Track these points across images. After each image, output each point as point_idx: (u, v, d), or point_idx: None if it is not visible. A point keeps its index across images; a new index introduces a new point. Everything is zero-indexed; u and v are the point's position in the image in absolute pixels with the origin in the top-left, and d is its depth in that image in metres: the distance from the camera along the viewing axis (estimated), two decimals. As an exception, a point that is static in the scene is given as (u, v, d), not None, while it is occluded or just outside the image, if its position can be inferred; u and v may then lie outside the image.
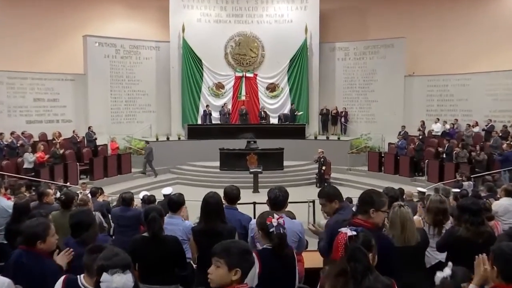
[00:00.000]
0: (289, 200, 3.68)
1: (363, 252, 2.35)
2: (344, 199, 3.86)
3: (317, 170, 15.22)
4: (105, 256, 2.26)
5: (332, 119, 19.24)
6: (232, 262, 2.22)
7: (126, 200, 5.97)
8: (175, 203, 4.34)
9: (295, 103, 19.25)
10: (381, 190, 3.63)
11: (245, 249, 2.30)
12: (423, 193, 9.12)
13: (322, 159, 14.81)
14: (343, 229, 2.68)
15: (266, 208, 3.73)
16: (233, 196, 4.06)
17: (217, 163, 15.85)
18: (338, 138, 17.69)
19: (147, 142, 16.40)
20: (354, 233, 2.60)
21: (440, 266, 3.70)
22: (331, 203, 3.61)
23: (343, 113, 19.10)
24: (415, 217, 3.84)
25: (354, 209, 3.27)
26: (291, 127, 18.20)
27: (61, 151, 14.22)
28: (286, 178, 15.45)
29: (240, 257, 2.24)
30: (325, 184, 12.07)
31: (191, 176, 15.93)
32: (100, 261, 2.24)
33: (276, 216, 3.04)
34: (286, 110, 19.14)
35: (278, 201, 3.59)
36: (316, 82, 19.27)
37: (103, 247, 2.53)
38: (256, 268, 2.76)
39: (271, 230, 2.99)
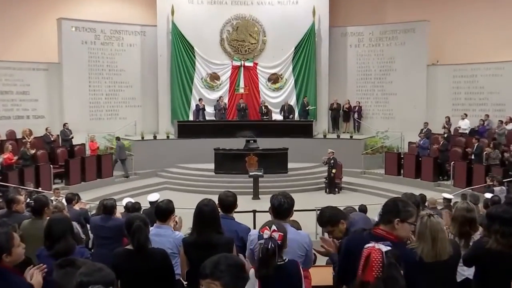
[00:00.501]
0: (294, 208, 3.68)
1: (399, 271, 2.34)
2: (348, 215, 3.85)
3: (326, 174, 15.24)
4: (86, 271, 2.22)
5: (344, 115, 19.29)
6: (228, 283, 2.20)
7: (107, 207, 5.97)
8: (163, 211, 4.34)
9: (301, 95, 19.29)
10: (400, 197, 3.63)
11: (238, 264, 2.28)
12: (449, 200, 9.12)
13: (332, 161, 14.84)
14: (375, 245, 2.60)
15: (267, 217, 3.73)
16: (228, 203, 4.06)
17: (212, 166, 15.87)
18: (351, 137, 17.71)
19: (118, 138, 16.40)
20: (389, 248, 2.56)
21: (468, 284, 3.70)
22: (338, 226, 3.60)
23: (357, 108, 19.13)
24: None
25: (377, 218, 3.27)
26: (297, 124, 18.23)
27: (32, 152, 14.23)
28: (290, 182, 15.47)
29: (235, 275, 2.22)
30: (320, 210, 12.04)
31: (182, 180, 15.95)
32: (80, 277, 2.20)
33: (274, 228, 3.01)
34: (292, 102, 19.22)
35: (282, 209, 3.58)
36: (325, 73, 19.31)
37: (75, 261, 2.51)
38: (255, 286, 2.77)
39: (259, 242, 2.98)
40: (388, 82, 19.08)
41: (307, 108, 18.75)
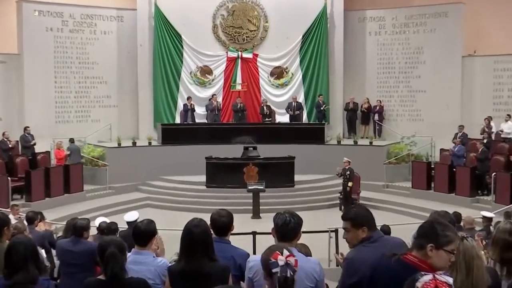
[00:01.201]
0: (302, 229, 3.69)
1: None
2: (377, 228, 3.87)
3: (341, 188, 15.25)
4: None
5: (362, 117, 19.37)
6: None
7: (77, 229, 5.98)
8: (142, 234, 4.33)
9: (310, 93, 19.35)
10: (439, 218, 3.63)
11: None
12: (489, 219, 9.12)
13: (348, 172, 14.85)
14: (437, 277, 2.57)
15: (269, 239, 3.74)
16: (222, 224, 4.06)
17: (203, 178, 15.88)
18: (371, 143, 17.75)
19: (71, 140, 16.42)
20: (451, 280, 2.57)
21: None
22: (357, 230, 3.63)
23: (377, 108, 19.18)
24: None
25: (410, 241, 3.25)
26: (306, 128, 18.30)
27: (-14, 162, 14.22)
28: (298, 198, 15.48)
29: None
30: (353, 205, 12.04)
31: (167, 196, 15.95)
32: None
33: (286, 252, 3.03)
34: (300, 98, 19.28)
35: (288, 229, 3.58)
36: (339, 66, 19.39)
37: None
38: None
39: (274, 270, 2.99)
40: (415, 77, 19.14)
41: (322, 109, 18.82)
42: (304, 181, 16.25)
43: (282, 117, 19.23)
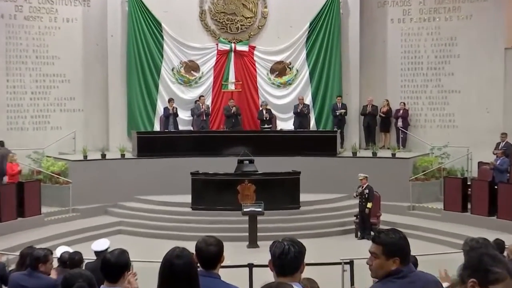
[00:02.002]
0: (307, 261, 3.70)
1: None
2: (410, 261, 3.88)
3: (357, 209, 15.24)
4: None
5: (382, 123, 19.45)
6: None
7: (33, 260, 5.96)
8: (113, 267, 4.33)
9: (319, 94, 19.42)
10: (489, 250, 3.62)
11: None
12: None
13: (367, 191, 14.85)
14: None
15: (269, 273, 3.74)
16: (210, 254, 4.05)
17: (188, 198, 15.85)
18: (393, 155, 17.76)
19: (0, 143, 16.36)
20: None
21: None
22: (387, 259, 3.62)
23: (401, 112, 19.23)
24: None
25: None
26: (314, 137, 18.31)
27: None
28: (304, 223, 15.46)
29: None
30: (378, 232, 11.99)
31: (143, 220, 15.91)
32: None
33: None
34: (307, 100, 19.35)
35: (287, 261, 3.58)
36: (355, 61, 19.48)
37: None
38: None
39: None
40: (448, 74, 19.21)
41: (337, 113, 18.87)
42: (312, 202, 16.23)
43: (285, 123, 19.30)
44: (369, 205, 14.83)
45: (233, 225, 14.73)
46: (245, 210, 14.51)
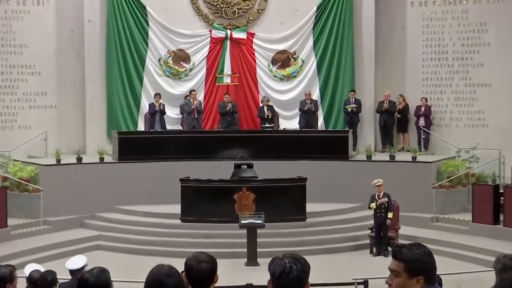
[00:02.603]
0: (314, 281, 3.69)
1: None
2: (436, 281, 3.87)
3: (372, 221, 15.19)
4: None
5: (400, 122, 19.46)
6: None
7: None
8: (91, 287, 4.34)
9: (328, 88, 19.41)
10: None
11: None
12: None
13: (386, 199, 14.80)
14: None
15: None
16: (201, 273, 4.03)
17: (176, 208, 15.83)
18: (413, 158, 17.73)
19: None
20: None
21: None
22: (410, 278, 3.61)
23: (423, 109, 19.23)
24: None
25: None
26: (322, 138, 18.26)
27: None
28: (311, 237, 15.45)
29: None
30: (399, 247, 11.99)
31: (125, 234, 15.89)
32: None
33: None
34: (315, 95, 19.35)
35: (289, 281, 3.56)
36: (369, 50, 19.49)
37: None
38: None
39: None
40: (477, 66, 19.21)
41: (347, 108, 18.87)
42: (320, 213, 16.22)
43: (289, 122, 19.32)
44: (389, 215, 14.79)
45: (229, 239, 14.73)
46: (243, 222, 14.47)
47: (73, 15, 18.95)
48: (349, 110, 18.85)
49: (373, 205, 14.75)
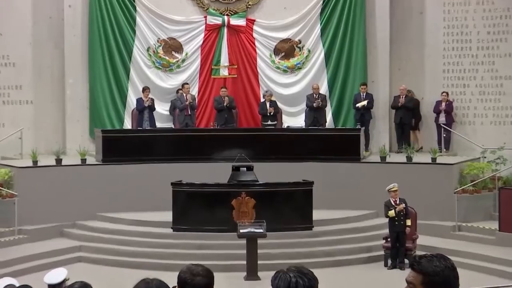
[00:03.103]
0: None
1: None
2: None
3: (387, 231, 15.18)
4: None
5: (417, 119, 19.44)
6: None
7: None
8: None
9: (337, 82, 19.43)
10: None
11: None
12: None
13: (403, 206, 14.73)
14: None
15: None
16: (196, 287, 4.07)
17: (168, 216, 15.82)
18: (433, 160, 17.72)
19: None
20: None
21: None
22: None
23: (444, 104, 19.23)
24: None
25: None
26: (331, 137, 18.24)
27: None
28: (318, 248, 15.43)
29: None
30: (418, 257, 11.99)
31: (110, 244, 15.85)
32: None
33: None
34: (323, 89, 19.37)
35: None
36: (384, 38, 19.50)
37: None
38: None
39: None
40: (504, 56, 19.21)
41: (357, 106, 18.86)
42: (328, 221, 16.21)
43: (294, 119, 19.36)
44: (408, 222, 14.74)
45: (226, 250, 14.72)
46: (241, 231, 14.46)
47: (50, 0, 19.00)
48: (360, 107, 18.82)
49: (391, 213, 14.63)
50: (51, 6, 18.96)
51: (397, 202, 14.73)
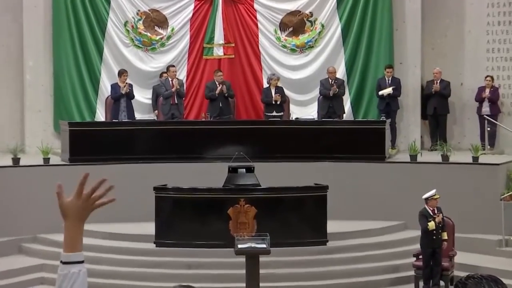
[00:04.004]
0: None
1: None
2: None
3: (417, 246, 15.19)
4: None
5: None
6: None
7: None
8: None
9: (357, 64, 19.49)
10: None
11: None
12: None
13: (441, 216, 14.75)
14: None
15: None
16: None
17: (149, 228, 15.85)
18: (475, 159, 17.73)
19: None
20: None
21: None
22: None
23: (487, 91, 19.25)
24: None
25: None
26: (349, 131, 18.29)
27: None
28: (334, 267, 15.46)
29: None
30: (465, 278, 12.01)
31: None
32: None
33: None
34: (340, 72, 19.41)
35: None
36: (414, 12, 19.55)
37: None
38: None
39: None
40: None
41: (381, 93, 18.90)
42: (346, 234, 16.26)
43: (304, 110, 19.45)
44: (444, 235, 14.74)
45: (222, 270, 14.79)
46: (240, 246, 14.47)
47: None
48: (384, 95, 18.87)
49: (432, 224, 14.55)
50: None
51: (435, 211, 14.73)
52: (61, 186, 3.75)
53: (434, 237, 14.65)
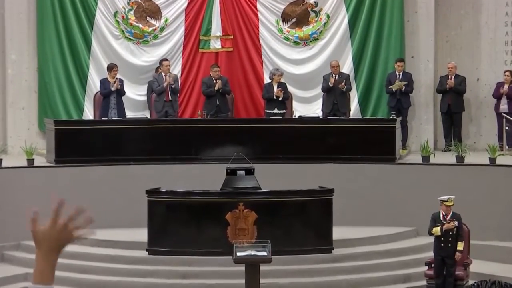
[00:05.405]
0: None
1: None
2: None
3: (431, 253, 15.22)
4: None
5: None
6: None
7: None
8: None
9: (365, 58, 19.51)
10: None
11: None
12: None
13: (456, 225, 14.73)
14: None
15: None
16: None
17: (142, 235, 15.88)
18: (492, 161, 17.75)
19: None
20: None
21: None
22: None
23: (506, 86, 19.24)
24: None
25: None
26: (356, 130, 18.28)
27: None
28: (340, 276, 15.48)
29: None
30: (475, 284, 11.99)
31: (66, 271, 15.83)
32: None
33: None
34: (347, 67, 19.45)
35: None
36: (427, 2, 19.54)
37: None
38: None
39: None
40: None
41: (392, 89, 18.87)
42: (353, 241, 16.31)
43: (308, 107, 19.52)
44: (459, 245, 14.72)
45: (220, 280, 14.82)
46: (239, 254, 14.52)
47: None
48: (394, 90, 18.88)
49: (436, 230, 14.57)
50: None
51: (448, 217, 14.70)
52: (37, 213, 3.65)
53: (442, 245, 14.63)
